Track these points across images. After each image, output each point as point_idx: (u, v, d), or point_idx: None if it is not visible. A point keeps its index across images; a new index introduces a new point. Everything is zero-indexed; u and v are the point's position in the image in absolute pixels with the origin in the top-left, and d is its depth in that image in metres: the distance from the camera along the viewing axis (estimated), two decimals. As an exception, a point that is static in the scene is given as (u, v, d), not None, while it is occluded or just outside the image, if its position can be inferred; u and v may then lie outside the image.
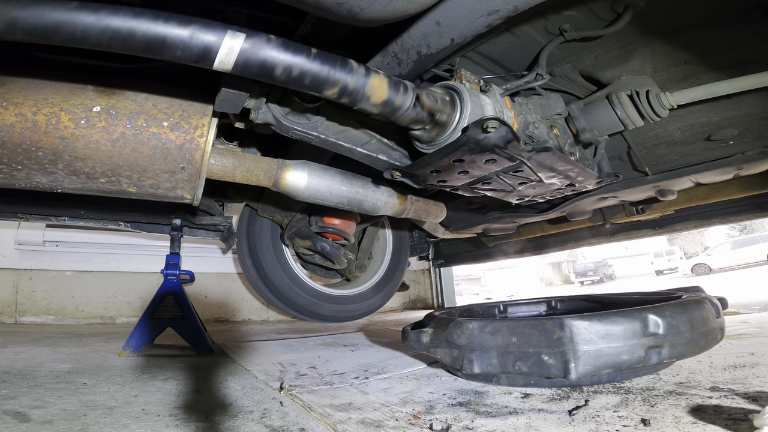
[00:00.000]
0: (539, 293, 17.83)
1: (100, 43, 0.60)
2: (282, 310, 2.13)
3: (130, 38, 0.60)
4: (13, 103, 0.85)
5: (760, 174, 1.48)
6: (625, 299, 1.53)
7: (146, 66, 1.09)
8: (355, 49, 1.06)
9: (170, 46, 0.62)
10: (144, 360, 1.67)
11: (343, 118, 1.13)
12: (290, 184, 1.30)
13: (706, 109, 1.21)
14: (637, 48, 1.10)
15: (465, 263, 3.88)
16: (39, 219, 1.74)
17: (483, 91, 1.00)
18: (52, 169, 0.91)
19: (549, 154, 0.97)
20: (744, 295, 4.38)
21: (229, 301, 3.92)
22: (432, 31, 0.85)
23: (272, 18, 1.01)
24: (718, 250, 17.01)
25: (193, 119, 0.98)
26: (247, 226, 2.06)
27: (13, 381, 1.25)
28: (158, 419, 0.93)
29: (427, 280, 4.88)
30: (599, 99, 1.19)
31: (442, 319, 1.23)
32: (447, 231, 2.31)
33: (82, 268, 3.40)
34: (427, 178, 1.09)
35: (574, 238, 2.68)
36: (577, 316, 1.00)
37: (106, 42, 0.60)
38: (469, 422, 0.86)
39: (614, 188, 1.53)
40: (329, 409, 0.97)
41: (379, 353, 1.75)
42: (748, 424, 0.69)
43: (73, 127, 0.88)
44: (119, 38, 0.60)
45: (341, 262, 1.99)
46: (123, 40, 0.60)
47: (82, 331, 2.67)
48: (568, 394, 1.01)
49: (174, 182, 1.01)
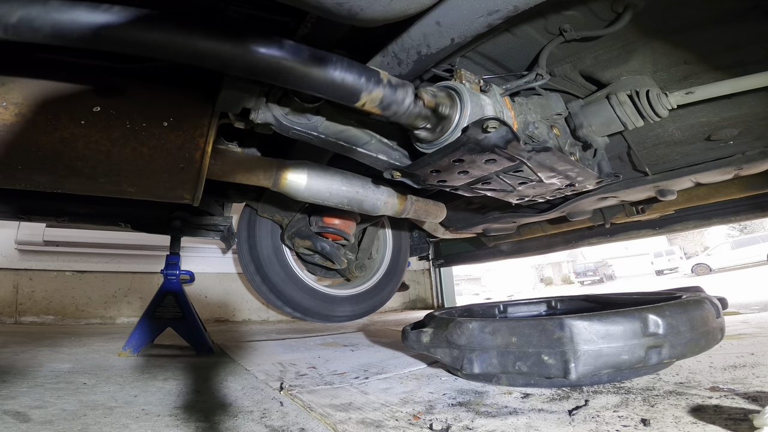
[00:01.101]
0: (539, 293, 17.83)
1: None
2: (282, 310, 2.13)
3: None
4: (13, 103, 0.85)
5: (760, 174, 1.48)
6: (625, 299, 1.53)
7: (146, 66, 1.09)
8: (355, 49, 1.06)
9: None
10: (144, 360, 1.67)
11: (343, 118, 1.13)
12: (290, 184, 1.30)
13: (706, 109, 1.21)
14: (637, 48, 1.10)
15: (465, 263, 3.88)
16: (39, 219, 1.74)
17: (483, 91, 1.00)
18: (52, 169, 0.91)
19: (549, 154, 0.97)
20: (744, 295, 4.38)
21: (229, 301, 3.92)
22: (432, 31, 0.85)
23: (272, 18, 1.01)
24: (718, 250, 17.02)
25: (193, 119, 0.98)
26: (247, 226, 2.06)
27: (13, 381, 1.25)
28: (158, 419, 0.93)
29: (427, 280, 4.88)
30: (599, 99, 1.19)
31: (442, 319, 1.23)
32: (447, 231, 2.31)
33: (82, 268, 3.39)
34: (427, 178, 1.09)
35: (574, 238, 2.67)
36: (577, 316, 1.00)
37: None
38: (469, 422, 0.86)
39: (614, 188, 1.53)
40: (329, 409, 0.97)
41: (379, 353, 1.75)
42: (748, 424, 0.69)
43: (73, 127, 0.88)
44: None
45: (341, 262, 1.99)
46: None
47: (82, 331, 2.67)
48: (568, 394, 1.01)
49: (174, 182, 1.01)
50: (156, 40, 0.66)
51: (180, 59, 0.69)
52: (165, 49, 0.67)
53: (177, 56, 0.68)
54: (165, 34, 0.66)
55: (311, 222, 1.94)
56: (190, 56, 0.69)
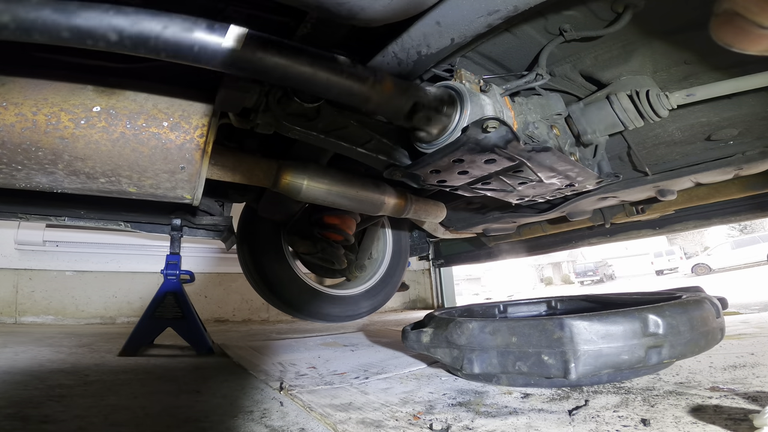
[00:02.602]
0: (539, 293, 17.83)
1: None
2: (282, 310, 2.13)
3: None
4: (13, 103, 0.85)
5: (760, 174, 1.48)
6: (625, 299, 1.53)
7: (146, 66, 1.09)
8: (355, 49, 1.06)
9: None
10: (144, 360, 1.67)
11: (343, 118, 1.13)
12: (290, 184, 1.30)
13: (706, 109, 1.21)
14: (637, 48, 1.10)
15: (465, 263, 3.88)
16: (39, 219, 1.74)
17: (483, 91, 1.00)
18: (52, 169, 0.91)
19: (549, 154, 0.97)
20: (744, 295, 4.38)
21: (229, 301, 3.92)
22: (432, 31, 0.85)
23: (272, 18, 1.01)
24: (718, 250, 17.02)
25: (193, 119, 0.98)
26: (247, 226, 2.06)
27: (13, 381, 1.25)
28: (158, 419, 0.93)
29: (427, 280, 4.89)
30: (599, 99, 1.19)
31: (442, 319, 1.23)
32: (447, 231, 2.30)
33: (82, 268, 3.40)
34: (427, 178, 1.09)
35: (574, 238, 2.68)
36: (577, 316, 1.00)
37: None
38: (469, 422, 0.86)
39: (614, 188, 1.53)
40: (329, 409, 0.97)
41: (379, 353, 1.75)
42: (748, 424, 0.69)
43: (73, 127, 0.88)
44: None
45: (341, 262, 1.99)
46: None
47: (82, 331, 2.67)
48: (568, 394, 1.01)
49: (174, 182, 1.01)
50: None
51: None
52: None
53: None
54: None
55: (311, 222, 1.94)
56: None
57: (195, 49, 0.62)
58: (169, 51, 0.61)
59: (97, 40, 0.59)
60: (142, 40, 0.60)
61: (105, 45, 0.59)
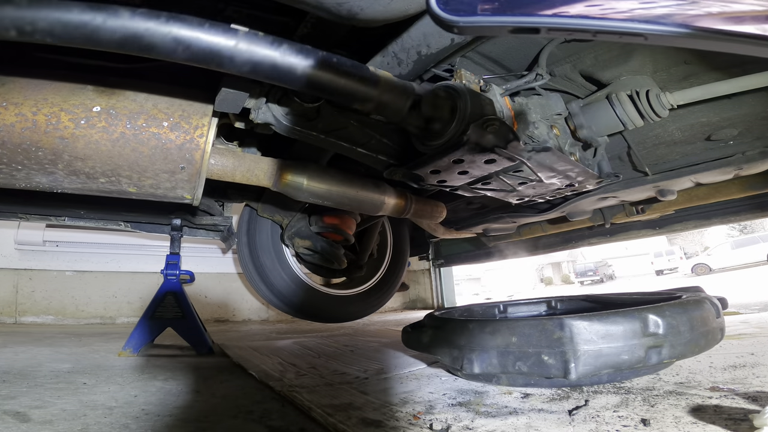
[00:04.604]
0: (539, 293, 17.83)
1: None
2: (282, 310, 2.13)
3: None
4: (13, 103, 0.85)
5: (760, 174, 1.48)
6: (625, 299, 1.53)
7: (146, 66, 1.09)
8: (355, 49, 1.06)
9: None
10: (144, 360, 1.67)
11: (343, 117, 1.13)
12: (290, 185, 1.30)
13: (706, 109, 1.21)
14: (637, 48, 1.10)
15: (465, 263, 3.88)
16: (39, 219, 1.74)
17: (483, 91, 1.00)
18: (52, 169, 0.91)
19: (549, 154, 0.97)
20: (744, 295, 4.38)
21: (229, 301, 3.92)
22: (432, 31, 0.85)
23: (272, 18, 1.01)
24: (718, 250, 17.01)
25: (193, 119, 0.98)
26: (247, 226, 2.06)
27: (13, 381, 1.25)
28: (158, 419, 0.93)
29: (427, 280, 4.88)
30: (599, 99, 1.19)
31: (442, 319, 1.23)
32: (447, 231, 2.31)
33: (82, 268, 3.40)
34: (427, 178, 1.09)
35: (574, 238, 2.67)
36: (577, 316, 1.00)
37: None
38: (469, 422, 0.86)
39: (614, 188, 1.53)
40: (329, 409, 0.97)
41: (379, 353, 1.75)
42: (748, 424, 0.69)
43: (73, 127, 0.88)
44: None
45: (341, 262, 1.99)
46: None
47: (82, 331, 2.67)
48: (568, 394, 1.01)
49: (174, 182, 1.01)
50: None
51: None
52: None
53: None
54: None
55: (311, 222, 1.94)
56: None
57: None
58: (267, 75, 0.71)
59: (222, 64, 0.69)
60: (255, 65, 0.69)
61: (217, 65, 0.69)
